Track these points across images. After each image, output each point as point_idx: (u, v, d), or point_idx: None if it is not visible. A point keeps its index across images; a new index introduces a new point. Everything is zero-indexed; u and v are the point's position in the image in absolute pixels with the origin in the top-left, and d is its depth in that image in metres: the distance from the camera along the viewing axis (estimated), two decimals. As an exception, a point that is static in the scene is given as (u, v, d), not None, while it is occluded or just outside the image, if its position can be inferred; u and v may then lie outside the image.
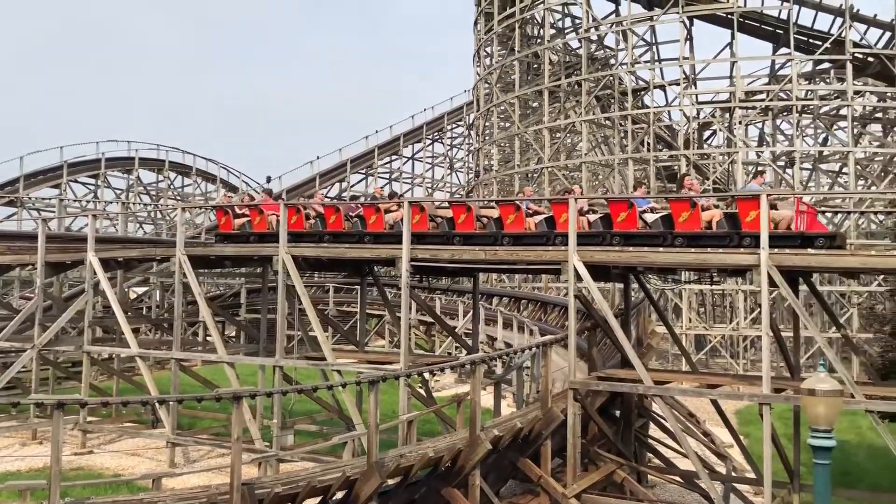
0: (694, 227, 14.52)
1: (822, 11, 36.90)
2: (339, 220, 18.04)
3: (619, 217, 15.27)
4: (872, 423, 13.65)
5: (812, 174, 40.65)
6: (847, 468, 22.48)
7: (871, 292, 33.88)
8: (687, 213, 14.57)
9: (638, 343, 19.80)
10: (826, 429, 8.68)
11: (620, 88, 40.22)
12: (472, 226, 16.66)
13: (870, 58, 36.83)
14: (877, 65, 36.68)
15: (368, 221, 17.64)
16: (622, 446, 17.10)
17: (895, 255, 13.09)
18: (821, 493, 8.82)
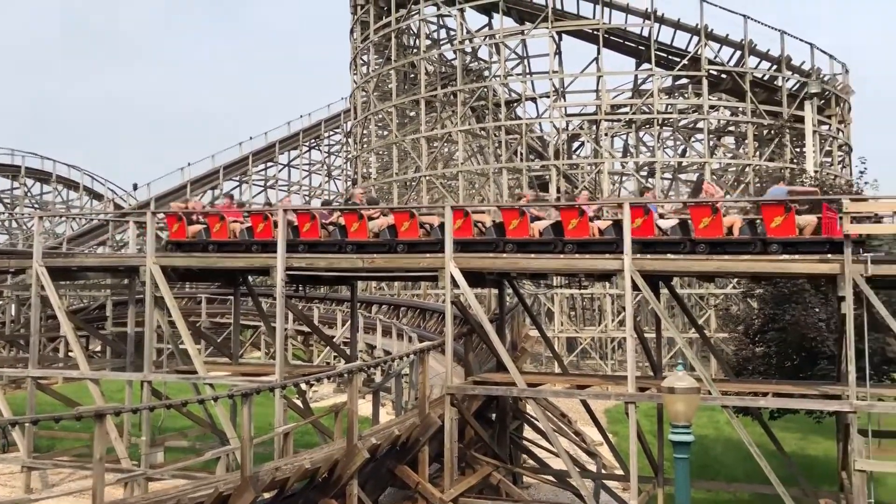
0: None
1: (680, 30, 39.14)
2: (315, 228, 16.84)
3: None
4: (728, 418, 14.55)
5: (672, 183, 42.97)
6: (706, 461, 23.86)
7: (727, 294, 36.13)
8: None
9: (513, 347, 20.30)
10: (685, 424, 9.21)
11: (494, 100, 41.17)
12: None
13: (723, 74, 39.38)
14: (729, 81, 39.27)
15: (350, 229, 16.66)
16: (498, 449, 17.48)
17: (745, 259, 14.00)
18: (681, 486, 9.35)
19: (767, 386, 15.89)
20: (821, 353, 19.44)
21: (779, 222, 13.67)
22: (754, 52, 39.48)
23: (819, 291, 19.26)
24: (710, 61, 38.79)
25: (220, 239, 17.73)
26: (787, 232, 13.67)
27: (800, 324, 19.44)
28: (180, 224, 18.29)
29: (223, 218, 17.86)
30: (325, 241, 16.84)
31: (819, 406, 14.73)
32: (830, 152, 42.12)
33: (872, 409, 13.05)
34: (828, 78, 40.76)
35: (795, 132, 39.58)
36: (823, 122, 40.69)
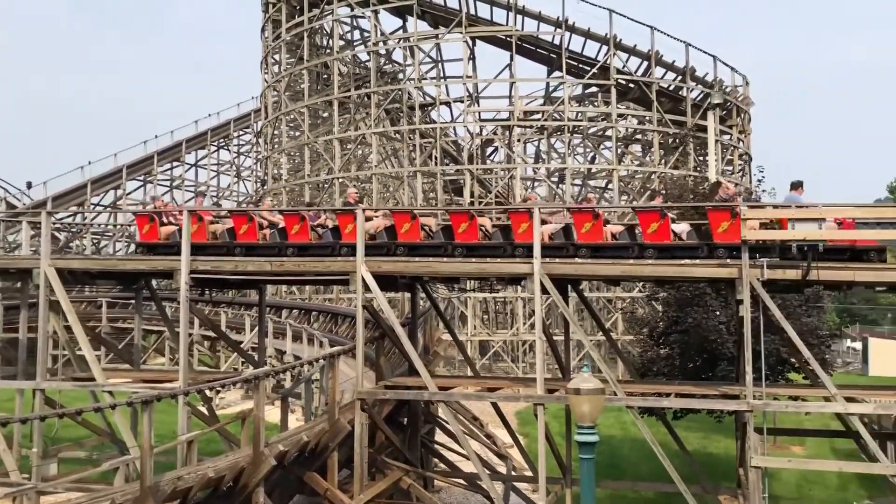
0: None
1: (590, 39, 40.04)
2: (305, 230, 15.97)
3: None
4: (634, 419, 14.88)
5: (581, 189, 43.88)
6: (614, 461, 24.41)
7: (633, 298, 37.12)
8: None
9: (425, 351, 20.28)
10: (590, 425, 9.33)
11: (409, 103, 41.14)
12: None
13: (631, 84, 40.50)
14: (637, 90, 40.43)
15: (344, 231, 15.81)
16: (409, 453, 17.39)
17: (649, 263, 14.38)
18: (586, 486, 9.46)
19: (670, 387, 16.36)
20: (721, 355, 20.17)
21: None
22: (661, 62, 40.76)
23: (720, 295, 19.97)
24: (618, 71, 39.84)
25: (198, 241, 16.49)
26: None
27: (701, 326, 20.12)
28: (152, 225, 17.09)
29: (202, 219, 16.60)
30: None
31: (718, 406, 15.25)
32: (731, 161, 43.88)
33: (768, 408, 13.58)
34: (729, 89, 42.47)
35: (699, 141, 41.03)
36: (725, 131, 42.35)
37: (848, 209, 13.58)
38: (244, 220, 16.27)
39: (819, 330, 21.33)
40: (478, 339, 40.62)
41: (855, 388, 17.11)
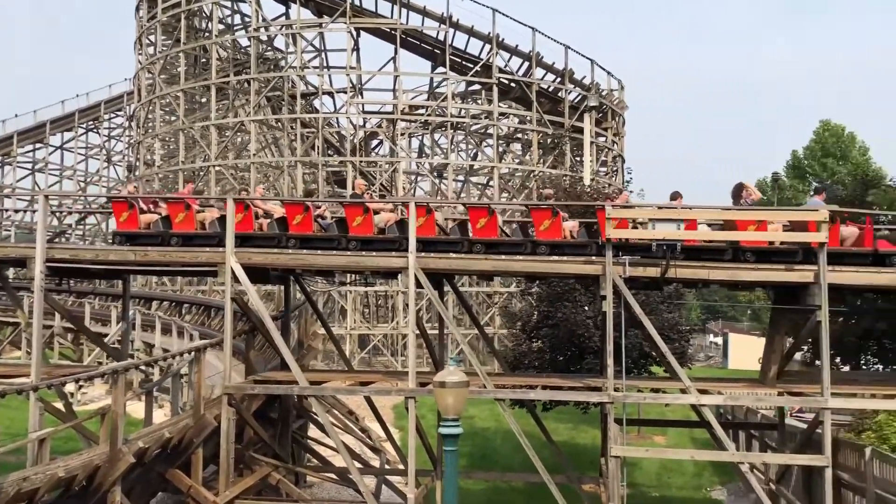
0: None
1: (474, 37, 40.53)
2: (309, 221, 15.12)
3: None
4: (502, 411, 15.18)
5: (464, 185, 44.41)
6: (486, 452, 24.88)
7: (511, 293, 37.92)
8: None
9: (299, 345, 19.95)
10: (454, 418, 9.43)
11: (290, 91, 40.36)
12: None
13: (512, 83, 41.30)
14: (518, 90, 41.27)
15: (351, 224, 14.96)
16: (279, 449, 17.09)
17: (520, 259, 14.70)
18: (449, 478, 9.56)
19: (539, 379, 16.81)
20: (588, 348, 20.89)
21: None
22: (541, 64, 41.76)
23: (588, 291, 20.67)
24: (500, 70, 40.53)
25: (185, 230, 15.51)
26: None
27: (570, 321, 20.78)
28: (131, 213, 15.71)
29: (189, 206, 15.60)
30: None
31: (582, 398, 15.81)
32: (606, 162, 45.53)
33: (627, 399, 14.16)
34: (605, 93, 44.02)
35: (575, 142, 42.33)
36: (600, 133, 43.85)
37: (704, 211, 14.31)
38: (240, 210, 15.23)
39: (679, 325, 22.44)
40: (357, 333, 40.41)
41: (712, 380, 18.12)
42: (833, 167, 54.50)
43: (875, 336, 25.32)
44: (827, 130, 57.63)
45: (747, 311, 60.01)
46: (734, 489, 21.87)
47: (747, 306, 52.42)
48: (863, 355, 26.65)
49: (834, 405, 13.52)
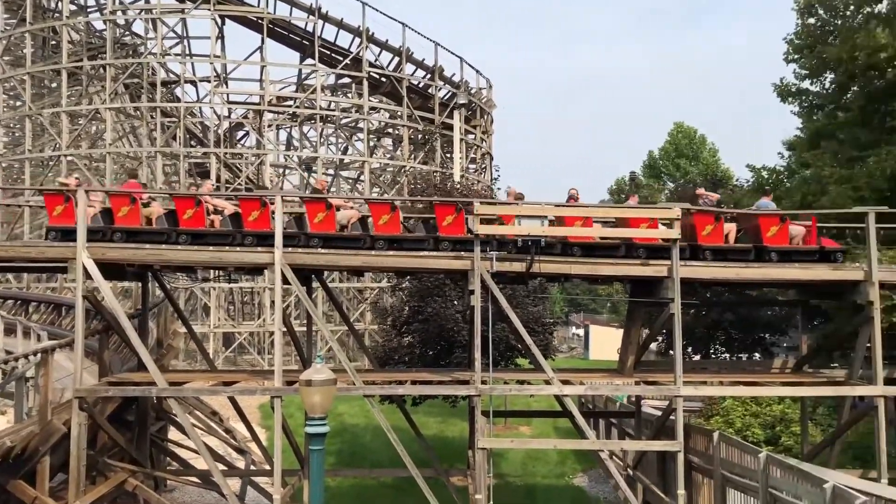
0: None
1: (343, 30, 40.09)
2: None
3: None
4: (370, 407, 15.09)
5: (334, 180, 43.90)
6: (355, 449, 24.72)
7: (382, 288, 37.85)
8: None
9: (158, 344, 19.07)
10: (321, 416, 9.26)
11: (150, 79, 38.51)
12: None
13: (383, 78, 41.16)
14: (388, 85, 41.18)
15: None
16: (137, 453, 16.27)
17: (390, 255, 14.64)
18: (315, 477, 9.36)
19: (408, 374, 16.82)
20: (457, 343, 21.16)
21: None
22: (411, 59, 41.85)
23: (457, 286, 20.92)
24: (371, 64, 40.30)
25: (129, 226, 14.55)
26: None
27: (440, 316, 20.97)
28: (67, 206, 14.57)
29: (134, 200, 14.64)
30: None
31: (450, 391, 15.94)
32: (475, 159, 46.24)
33: (493, 392, 14.40)
34: (474, 91, 44.68)
35: (446, 139, 42.74)
36: (470, 131, 44.49)
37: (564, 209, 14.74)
38: (190, 206, 14.53)
39: (544, 318, 23.12)
40: (222, 331, 39.14)
41: (574, 371, 18.76)
42: (686, 167, 57.83)
43: (723, 327, 27.06)
44: (680, 132, 61.11)
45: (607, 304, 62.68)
46: (595, 475, 22.75)
47: (607, 299, 54.73)
48: (712, 345, 28.43)
49: (685, 393, 14.28)
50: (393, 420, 17.24)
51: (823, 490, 10.05)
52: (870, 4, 24.73)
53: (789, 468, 11.70)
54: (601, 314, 71.70)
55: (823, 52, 24.63)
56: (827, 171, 23.39)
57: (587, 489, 21.85)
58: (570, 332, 75.73)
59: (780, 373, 17.35)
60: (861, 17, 24.58)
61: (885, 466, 14.00)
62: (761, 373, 17.57)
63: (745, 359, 27.59)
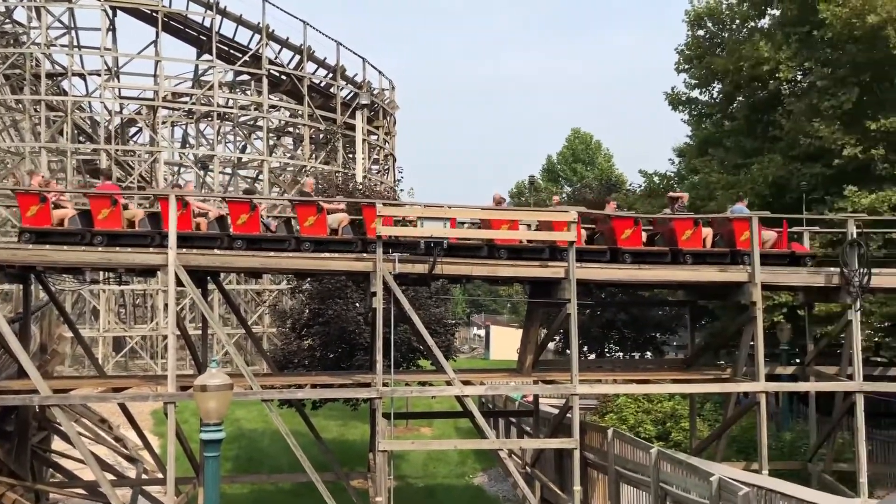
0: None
1: (242, 26, 39.14)
2: (256, 220, 14.48)
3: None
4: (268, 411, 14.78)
5: (232, 178, 42.85)
6: (253, 455, 24.19)
7: (281, 290, 37.16)
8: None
9: (42, 350, 18.12)
10: (217, 422, 9.01)
11: (34, 70, 36.51)
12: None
13: (283, 76, 40.44)
14: (289, 83, 40.49)
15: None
16: (16, 466, 15.37)
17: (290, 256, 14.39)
18: (210, 484, 9.10)
19: (308, 378, 16.60)
20: (359, 345, 21.00)
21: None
22: (313, 58, 41.30)
23: (359, 287, 20.76)
24: (270, 61, 39.53)
25: (110, 228, 14.02)
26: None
27: (341, 318, 20.77)
28: (42, 207, 13.92)
29: (116, 202, 14.17)
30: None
31: (352, 394, 15.82)
32: (378, 160, 46.05)
33: (395, 394, 14.37)
34: (377, 92, 44.50)
35: (348, 139, 42.37)
36: (372, 132, 44.27)
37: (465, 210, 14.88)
38: (178, 207, 13.94)
39: (445, 319, 23.26)
40: (112, 336, 37.54)
41: (475, 371, 18.95)
42: (582, 172, 59.47)
43: (617, 326, 27.92)
44: (577, 138, 62.82)
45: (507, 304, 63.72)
46: (494, 474, 23.07)
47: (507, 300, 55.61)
48: (606, 344, 29.30)
49: (581, 391, 14.65)
50: (292, 424, 16.97)
51: (710, 483, 10.50)
52: (753, 19, 26.11)
53: (678, 463, 12.17)
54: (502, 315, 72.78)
55: (711, 63, 25.79)
56: (714, 177, 24.50)
57: (487, 488, 22.12)
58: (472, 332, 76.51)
59: (671, 370, 18.05)
60: (746, 31, 25.90)
61: (766, 459, 14.77)
62: (653, 371, 18.24)
63: (638, 357, 28.58)
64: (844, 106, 21.53)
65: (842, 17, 20.90)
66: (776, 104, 24.71)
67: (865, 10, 20.39)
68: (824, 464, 16.89)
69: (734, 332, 17.07)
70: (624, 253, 15.27)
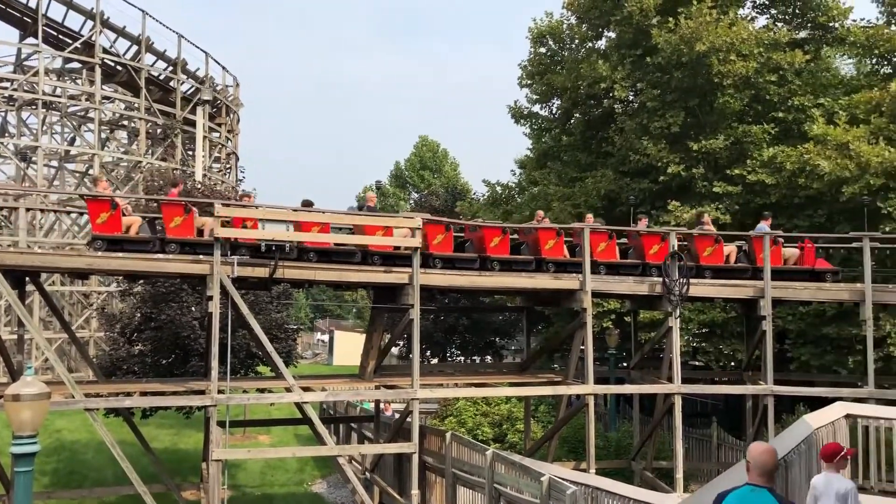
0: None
1: (73, 10, 36.68)
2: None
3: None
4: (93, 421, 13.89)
5: (58, 172, 40.01)
6: (74, 468, 22.65)
7: (111, 293, 35.06)
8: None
9: None
10: (31, 434, 8.34)
11: None
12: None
13: (119, 66, 38.21)
14: (125, 74, 38.30)
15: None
16: None
17: (119, 257, 13.58)
18: (21, 501, 8.42)
19: (137, 385, 15.75)
20: (194, 351, 20.15)
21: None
22: (152, 49, 39.33)
23: (196, 291, 19.94)
24: (105, 50, 37.28)
25: (184, 237, 13.80)
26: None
27: (176, 322, 19.84)
28: (113, 214, 13.59)
29: (189, 209, 14.00)
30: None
31: (183, 402, 15.17)
32: (219, 158, 44.48)
33: (231, 401, 13.92)
34: (220, 88, 43.01)
35: (188, 135, 40.65)
36: (214, 129, 42.73)
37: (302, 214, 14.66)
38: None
39: (287, 324, 22.80)
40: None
41: (317, 377, 18.71)
42: (430, 179, 60.30)
43: (459, 331, 28.53)
44: (425, 145, 63.65)
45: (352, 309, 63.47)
46: (334, 481, 22.87)
47: (353, 305, 55.39)
48: (449, 348, 29.86)
49: (422, 396, 14.81)
50: (121, 434, 16.08)
51: (541, 483, 10.91)
52: (592, 40, 27.56)
53: (512, 464, 12.57)
54: (347, 320, 72.42)
55: (551, 80, 26.95)
56: (552, 189, 25.61)
57: (325, 495, 21.89)
58: (316, 338, 75.59)
59: (508, 374, 18.64)
60: (584, 51, 27.29)
61: (594, 458, 15.56)
62: (491, 374, 18.75)
63: (478, 361, 29.31)
64: (672, 127, 23.16)
65: (672, 44, 22.47)
66: (610, 122, 26.19)
67: (693, 38, 22.04)
68: (646, 462, 18.01)
69: (566, 336, 17.86)
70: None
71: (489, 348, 29.78)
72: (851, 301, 17.24)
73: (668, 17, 23.16)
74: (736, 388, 18.22)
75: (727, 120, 23.32)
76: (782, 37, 23.03)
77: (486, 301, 24.47)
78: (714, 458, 19.84)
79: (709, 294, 17.49)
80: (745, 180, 22.17)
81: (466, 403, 22.27)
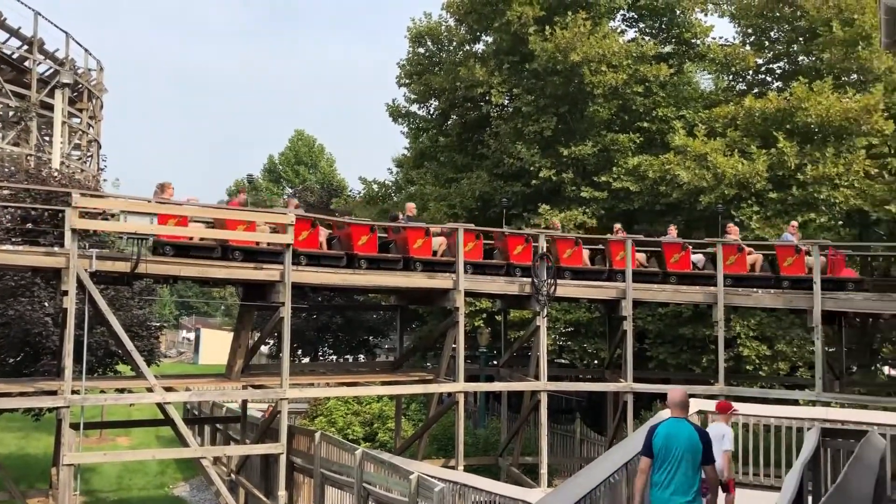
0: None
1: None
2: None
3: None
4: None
5: None
6: None
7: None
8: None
9: None
10: None
11: None
12: None
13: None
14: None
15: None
16: None
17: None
18: None
19: (-21, 386, 14.62)
20: (46, 349, 18.94)
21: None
22: (4, 26, 36.63)
23: (49, 285, 18.74)
24: (-52, 23, 34.40)
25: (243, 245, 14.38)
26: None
27: (26, 319, 18.59)
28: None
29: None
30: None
31: (32, 404, 14.26)
32: (80, 146, 42.02)
33: (86, 402, 13.18)
34: (82, 71, 40.62)
35: (45, 120, 38.11)
36: (74, 114, 40.30)
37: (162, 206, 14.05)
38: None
39: (150, 322, 21.82)
40: None
41: (181, 377, 17.98)
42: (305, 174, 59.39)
43: (331, 330, 28.21)
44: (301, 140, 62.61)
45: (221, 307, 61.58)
46: (197, 483, 22.12)
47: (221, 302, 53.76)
48: (321, 347, 29.47)
49: (291, 395, 14.55)
50: (-42, 439, 14.87)
51: (409, 481, 10.95)
52: (469, 43, 27.93)
53: (381, 463, 12.56)
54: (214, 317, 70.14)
55: (430, 81, 27.12)
56: (428, 188, 25.78)
57: (188, 498, 21.15)
58: (181, 335, 72.78)
59: (380, 373, 18.61)
60: (462, 54, 27.63)
61: (462, 455, 15.79)
62: (364, 373, 18.67)
63: (351, 360, 29.09)
64: (545, 132, 23.81)
65: (548, 52, 23.10)
66: (485, 125, 26.65)
67: (568, 48, 22.74)
68: (513, 457, 18.44)
69: (439, 335, 18.02)
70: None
71: (362, 347, 29.59)
72: (705, 303, 18.30)
73: (545, 26, 23.80)
74: (598, 386, 18.96)
75: (596, 128, 24.21)
76: (649, 50, 24.12)
77: (359, 299, 24.32)
78: (577, 453, 20.57)
79: (575, 294, 18.12)
80: (610, 186, 23.09)
81: (337, 403, 22.08)
